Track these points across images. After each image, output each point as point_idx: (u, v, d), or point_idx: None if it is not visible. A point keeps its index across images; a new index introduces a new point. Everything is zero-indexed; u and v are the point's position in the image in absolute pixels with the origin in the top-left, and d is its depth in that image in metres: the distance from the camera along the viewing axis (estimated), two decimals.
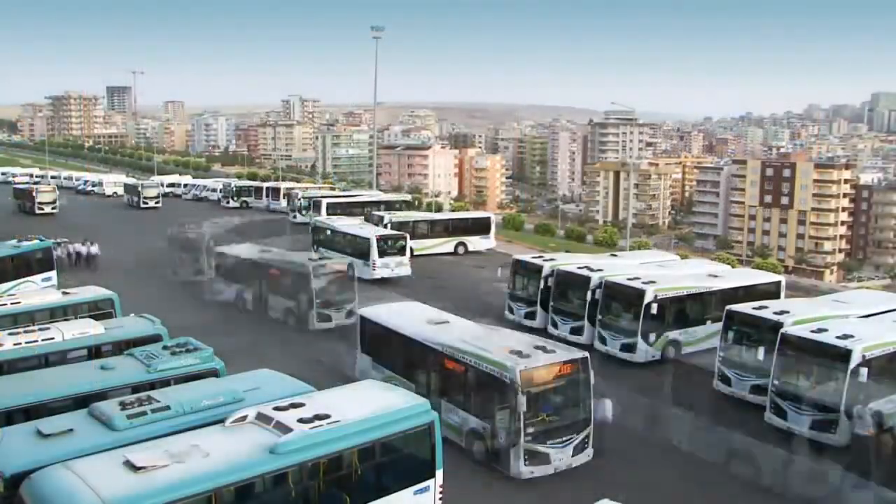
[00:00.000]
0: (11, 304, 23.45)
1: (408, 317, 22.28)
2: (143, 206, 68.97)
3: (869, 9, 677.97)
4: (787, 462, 18.40)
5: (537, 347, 18.25)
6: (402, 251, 39.76)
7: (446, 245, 48.09)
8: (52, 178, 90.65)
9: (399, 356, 21.33)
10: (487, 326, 21.77)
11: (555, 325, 29.04)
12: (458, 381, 19.11)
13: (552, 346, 18.55)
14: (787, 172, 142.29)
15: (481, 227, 50.30)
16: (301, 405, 13.79)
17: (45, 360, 18.56)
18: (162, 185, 78.29)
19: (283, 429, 12.93)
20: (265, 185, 74.32)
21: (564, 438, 17.73)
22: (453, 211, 73.51)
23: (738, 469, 18.16)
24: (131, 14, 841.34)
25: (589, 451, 18.24)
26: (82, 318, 22.48)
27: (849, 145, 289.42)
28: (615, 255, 36.41)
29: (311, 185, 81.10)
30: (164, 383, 16.63)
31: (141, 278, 37.33)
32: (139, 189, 71.68)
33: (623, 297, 26.77)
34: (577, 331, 28.12)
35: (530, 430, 17.13)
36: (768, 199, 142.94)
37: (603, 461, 18.44)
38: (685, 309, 27.15)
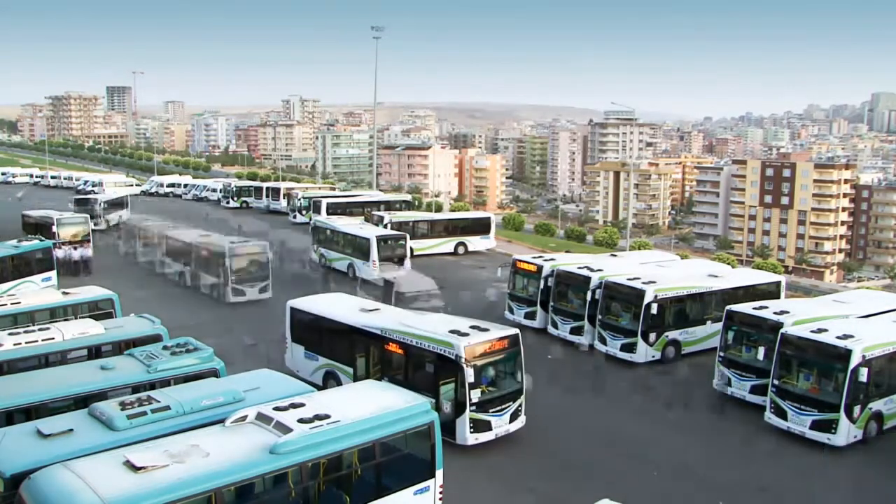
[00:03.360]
0: (11, 304, 23.43)
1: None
2: None
3: (869, 10, 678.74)
4: None
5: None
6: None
7: (446, 245, 48.07)
8: (52, 177, 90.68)
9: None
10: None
11: (555, 326, 29.04)
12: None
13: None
14: (787, 172, 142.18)
15: (481, 227, 50.29)
16: (301, 405, 13.79)
17: (45, 360, 18.55)
18: None
19: (283, 429, 12.93)
20: (265, 185, 74.21)
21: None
22: (453, 211, 73.46)
23: None
24: (131, 15, 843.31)
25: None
26: (82, 318, 22.49)
27: (849, 145, 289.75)
28: (615, 255, 36.36)
29: (311, 186, 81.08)
30: (164, 383, 16.62)
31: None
32: None
33: (623, 297, 26.76)
34: (577, 331, 28.13)
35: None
36: (768, 199, 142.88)
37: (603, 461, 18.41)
38: (685, 309, 27.14)
